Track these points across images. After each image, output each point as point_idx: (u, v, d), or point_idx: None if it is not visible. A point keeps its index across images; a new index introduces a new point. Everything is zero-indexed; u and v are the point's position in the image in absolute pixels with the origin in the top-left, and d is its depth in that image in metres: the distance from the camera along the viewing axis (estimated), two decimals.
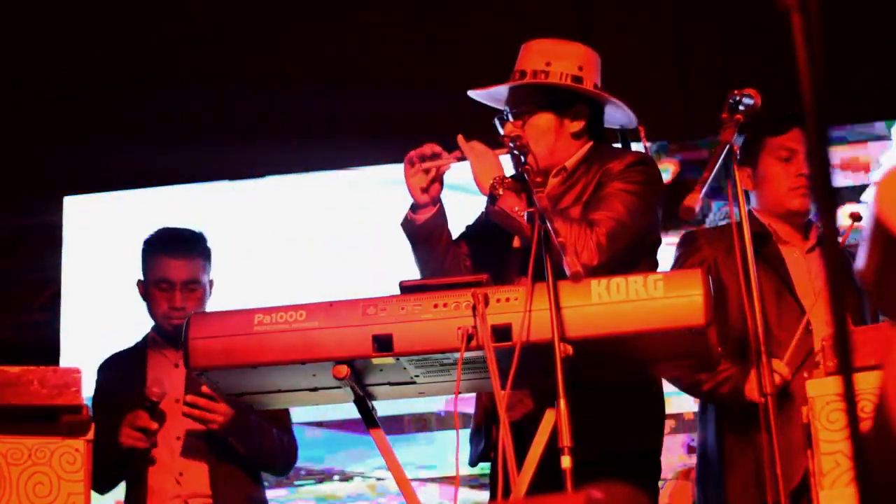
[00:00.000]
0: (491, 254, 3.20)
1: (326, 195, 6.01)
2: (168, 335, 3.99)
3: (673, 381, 3.52)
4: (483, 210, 3.24)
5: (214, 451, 3.86)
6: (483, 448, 3.11)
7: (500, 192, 2.94)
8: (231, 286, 5.26)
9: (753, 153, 3.65)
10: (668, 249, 3.55)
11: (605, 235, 2.95)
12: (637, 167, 3.12)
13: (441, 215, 3.10)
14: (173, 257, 3.97)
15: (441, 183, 3.07)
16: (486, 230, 3.19)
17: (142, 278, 4.07)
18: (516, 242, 3.12)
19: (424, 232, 3.08)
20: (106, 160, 6.02)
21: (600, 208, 3.03)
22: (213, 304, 4.13)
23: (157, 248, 4.04)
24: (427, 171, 3.04)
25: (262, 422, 3.91)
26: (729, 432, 3.49)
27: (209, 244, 4.12)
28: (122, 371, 4.01)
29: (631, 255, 3.03)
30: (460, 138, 3.04)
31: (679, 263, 3.63)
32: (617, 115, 3.28)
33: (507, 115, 3.22)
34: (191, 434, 3.86)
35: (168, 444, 3.86)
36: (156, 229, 4.18)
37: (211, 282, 4.11)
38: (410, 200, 3.11)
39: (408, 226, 3.10)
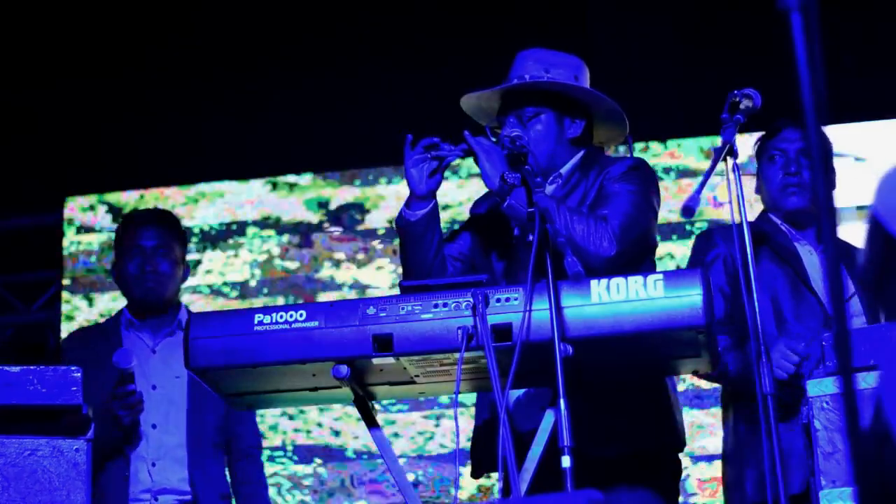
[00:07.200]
0: (496, 243, 3.21)
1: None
2: (143, 316, 3.95)
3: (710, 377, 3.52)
4: (474, 206, 3.33)
5: (192, 443, 3.83)
6: (485, 459, 3.10)
7: (512, 188, 2.94)
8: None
9: (756, 159, 3.70)
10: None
11: (618, 227, 3.00)
12: (637, 171, 3.17)
13: (435, 213, 3.10)
14: (142, 226, 4.01)
15: (442, 176, 3.07)
16: (490, 220, 3.22)
17: (115, 263, 4.07)
18: (517, 231, 3.14)
19: (419, 229, 3.08)
20: (106, 160, 6.02)
21: (607, 206, 3.06)
22: (216, 305, 4.12)
23: (126, 223, 4.11)
24: (430, 161, 3.03)
25: None
26: (748, 424, 3.50)
27: (183, 229, 4.15)
28: (96, 348, 3.89)
29: (637, 253, 3.06)
30: (467, 133, 3.04)
31: (695, 260, 3.64)
32: (601, 129, 3.31)
33: (497, 124, 3.23)
34: (167, 423, 3.82)
35: (143, 432, 3.80)
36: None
37: (187, 265, 4.10)
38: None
39: (403, 223, 3.10)
